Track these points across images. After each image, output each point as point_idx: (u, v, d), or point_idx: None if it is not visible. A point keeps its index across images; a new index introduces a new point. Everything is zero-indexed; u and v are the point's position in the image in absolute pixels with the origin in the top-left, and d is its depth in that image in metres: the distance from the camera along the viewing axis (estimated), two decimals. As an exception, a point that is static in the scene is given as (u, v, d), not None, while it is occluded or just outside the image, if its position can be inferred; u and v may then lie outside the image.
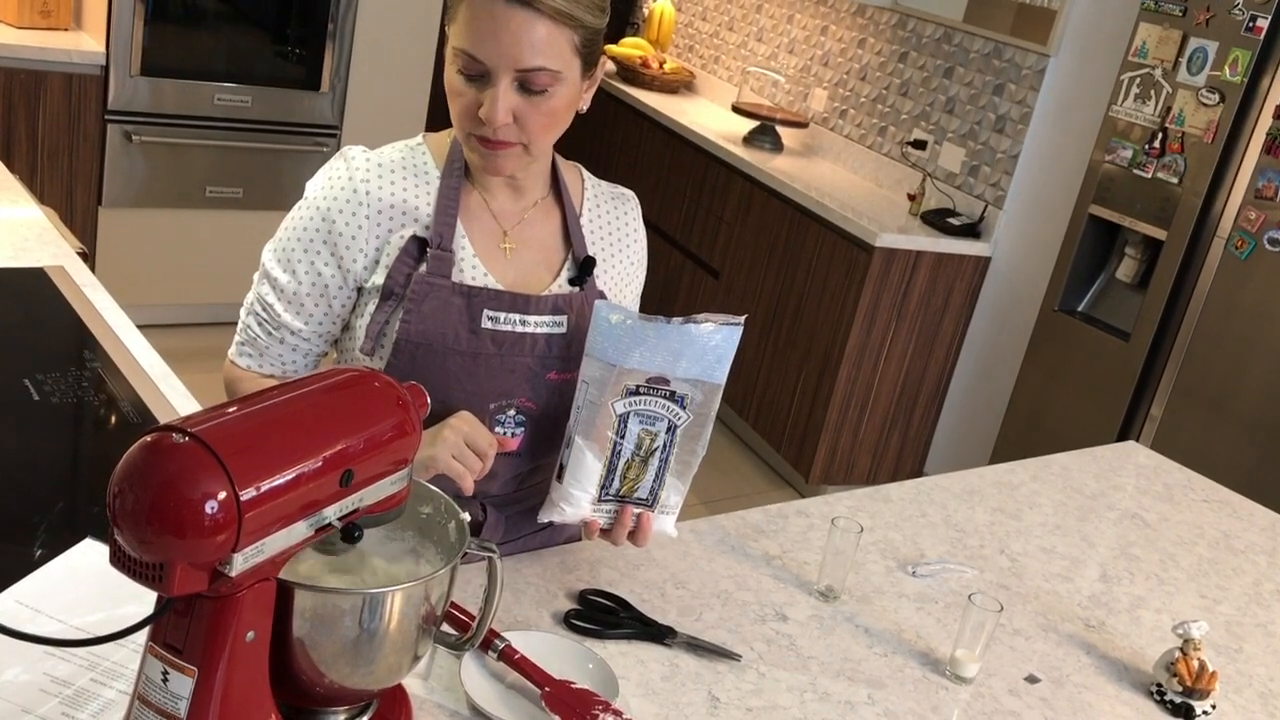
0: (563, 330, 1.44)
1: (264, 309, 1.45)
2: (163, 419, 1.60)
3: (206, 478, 0.83)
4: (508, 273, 1.45)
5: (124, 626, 0.87)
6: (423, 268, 1.39)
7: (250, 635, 0.91)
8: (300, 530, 0.91)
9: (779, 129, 4.52)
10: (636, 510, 1.41)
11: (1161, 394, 3.18)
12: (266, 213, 4.15)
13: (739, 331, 1.38)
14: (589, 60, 1.36)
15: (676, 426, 1.39)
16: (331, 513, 0.94)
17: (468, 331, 1.39)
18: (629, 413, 1.37)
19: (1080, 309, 3.42)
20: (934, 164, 4.06)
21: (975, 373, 3.91)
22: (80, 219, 3.81)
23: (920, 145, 4.10)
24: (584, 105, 1.41)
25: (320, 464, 0.91)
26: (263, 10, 4.01)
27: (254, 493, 0.85)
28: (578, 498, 1.39)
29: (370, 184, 1.40)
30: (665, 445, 1.40)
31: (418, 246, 1.39)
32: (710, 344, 1.37)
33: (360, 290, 1.43)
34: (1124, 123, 3.20)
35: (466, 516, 1.11)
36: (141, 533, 0.82)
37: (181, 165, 3.94)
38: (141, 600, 0.94)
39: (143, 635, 0.90)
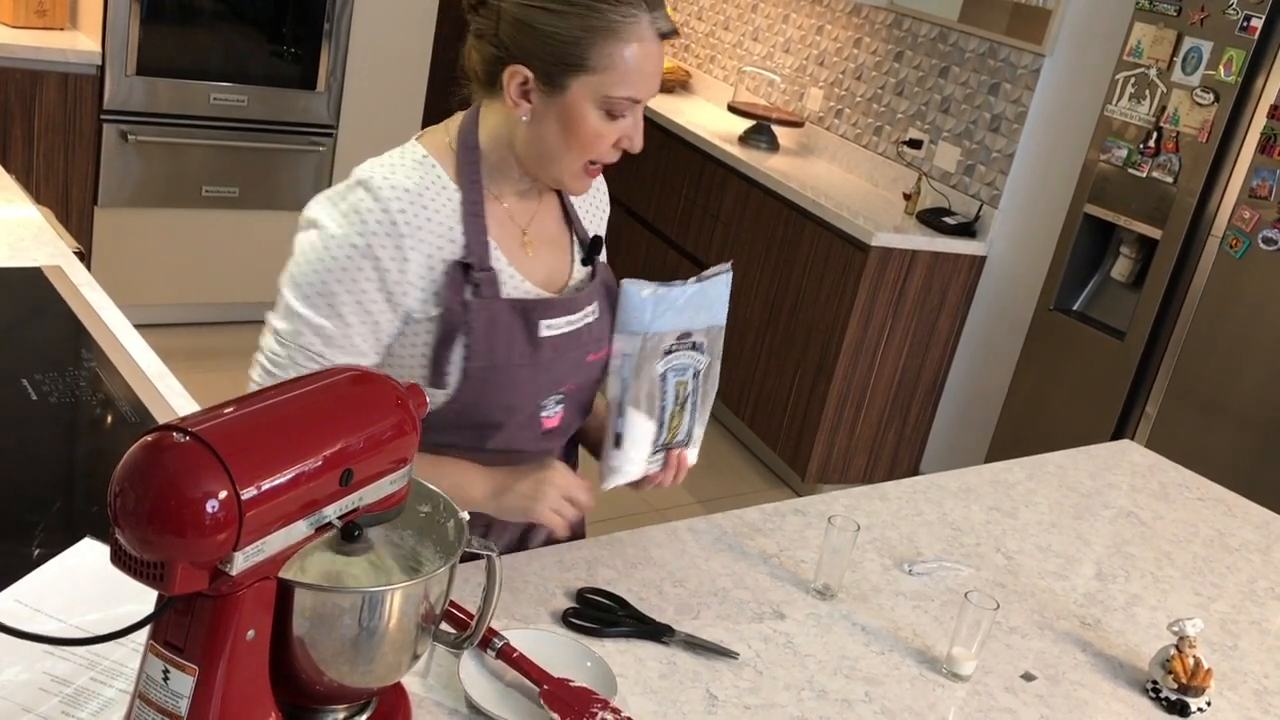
0: (597, 315, 1.49)
1: (311, 360, 1.34)
2: (160, 418, 1.60)
3: (207, 477, 0.83)
4: (535, 271, 1.45)
5: (123, 625, 0.88)
6: (468, 291, 1.36)
7: (251, 634, 0.91)
8: (300, 529, 0.92)
9: (775, 128, 4.52)
10: (676, 452, 1.53)
11: (1156, 393, 3.19)
12: (263, 212, 4.15)
13: (730, 275, 1.57)
14: None
15: (700, 370, 1.54)
16: (331, 512, 0.95)
17: (528, 344, 1.41)
18: (666, 370, 1.49)
19: (1075, 308, 3.43)
20: (929, 163, 4.07)
21: (971, 372, 3.92)
22: (76, 219, 3.81)
23: (916, 144, 4.11)
24: None
25: (320, 463, 0.91)
26: (258, 9, 4.00)
27: (254, 492, 0.85)
28: (636, 459, 1.50)
29: (406, 213, 1.33)
30: (694, 389, 1.54)
31: (461, 270, 1.36)
32: (715, 293, 1.54)
33: (406, 319, 1.38)
34: (1119, 122, 3.21)
35: (465, 515, 1.11)
36: (142, 532, 0.82)
37: (177, 165, 3.94)
38: (140, 599, 0.95)
39: (143, 634, 0.91)
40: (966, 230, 3.81)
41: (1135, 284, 3.26)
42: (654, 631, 1.37)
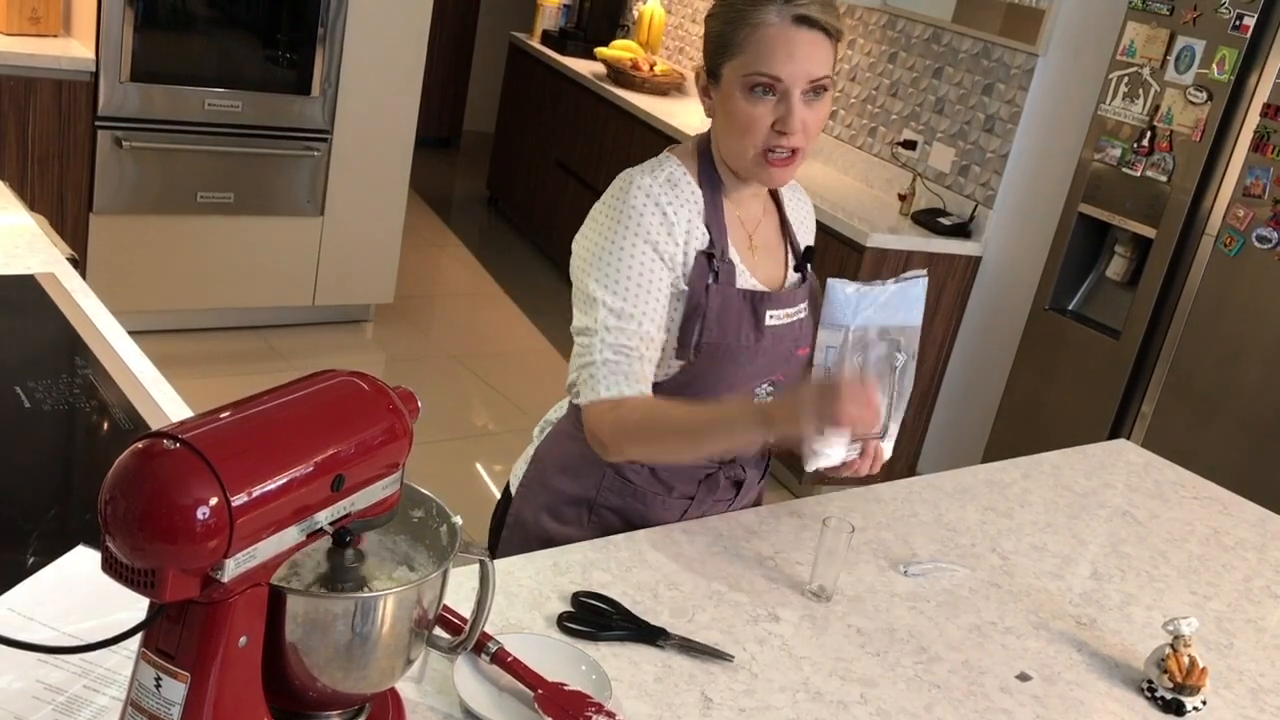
0: (806, 314, 1.70)
1: (620, 341, 1.53)
2: (154, 425, 1.60)
3: (198, 484, 0.83)
4: (758, 270, 1.66)
5: (116, 633, 0.87)
6: (710, 277, 1.57)
7: (243, 640, 0.91)
8: (292, 535, 0.92)
9: (769, 130, 4.52)
10: (873, 443, 1.65)
11: (1152, 392, 3.19)
12: (258, 218, 4.15)
13: (926, 280, 1.67)
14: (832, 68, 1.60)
15: (898, 367, 1.64)
16: (323, 517, 0.94)
17: (753, 330, 1.62)
18: (865, 364, 1.62)
19: (1071, 307, 3.43)
20: (924, 164, 4.07)
21: (967, 372, 3.92)
22: (71, 225, 3.80)
23: (910, 145, 4.11)
24: None
25: (311, 469, 0.91)
26: (253, 15, 4.01)
27: (245, 498, 0.85)
28: (837, 444, 1.60)
29: (672, 205, 1.55)
30: (891, 385, 1.64)
31: (706, 259, 1.57)
32: (914, 294, 1.63)
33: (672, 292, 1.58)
34: (1113, 121, 3.21)
35: (458, 520, 1.11)
36: (133, 539, 0.82)
37: (172, 171, 3.94)
38: (133, 607, 0.94)
39: (135, 641, 0.91)
40: (961, 231, 3.81)
41: (1130, 283, 3.26)
42: (649, 635, 1.37)
